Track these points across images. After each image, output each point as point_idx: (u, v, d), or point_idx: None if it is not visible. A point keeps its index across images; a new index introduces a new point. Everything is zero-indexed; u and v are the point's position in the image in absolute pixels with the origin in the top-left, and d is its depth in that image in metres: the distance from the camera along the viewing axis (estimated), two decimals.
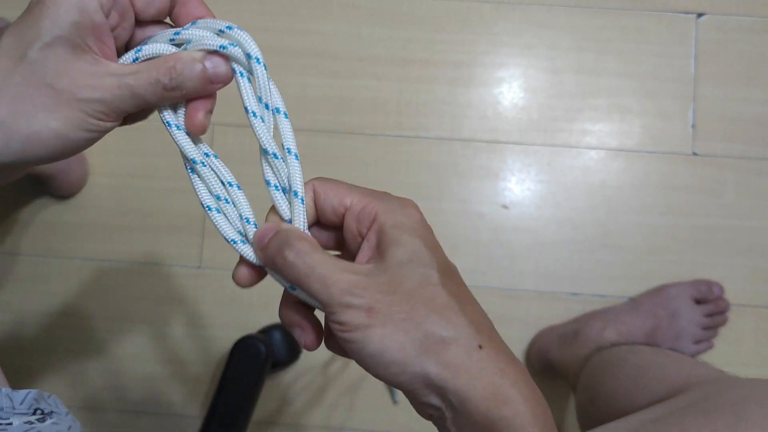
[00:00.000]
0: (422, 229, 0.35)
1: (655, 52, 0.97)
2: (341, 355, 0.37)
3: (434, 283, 0.34)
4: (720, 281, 0.91)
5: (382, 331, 0.32)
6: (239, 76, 0.37)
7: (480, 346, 0.33)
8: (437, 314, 0.33)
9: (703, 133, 0.96)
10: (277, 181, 0.38)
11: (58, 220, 0.97)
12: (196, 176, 0.39)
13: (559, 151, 0.96)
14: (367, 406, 0.93)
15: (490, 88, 0.98)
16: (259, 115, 0.37)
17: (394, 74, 0.98)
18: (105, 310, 0.96)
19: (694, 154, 0.96)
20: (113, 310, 0.96)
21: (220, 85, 0.37)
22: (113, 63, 0.36)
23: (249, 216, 0.38)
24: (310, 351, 0.37)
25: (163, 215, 0.96)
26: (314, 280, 0.33)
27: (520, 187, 0.96)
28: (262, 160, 0.38)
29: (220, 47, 0.36)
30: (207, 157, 0.39)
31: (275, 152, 0.37)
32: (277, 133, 0.38)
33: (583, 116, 0.97)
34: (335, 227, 0.38)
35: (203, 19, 0.37)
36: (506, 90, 0.98)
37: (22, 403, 0.46)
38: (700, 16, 0.98)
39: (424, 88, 0.98)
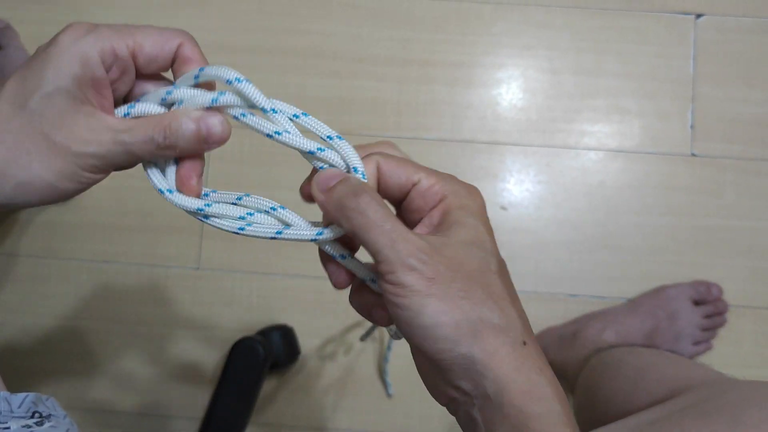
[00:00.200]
0: (485, 215, 0.36)
1: (654, 52, 0.97)
2: (375, 321, 0.37)
3: (493, 271, 0.34)
4: (719, 282, 0.91)
5: (440, 305, 0.32)
6: (243, 118, 0.37)
7: (524, 342, 0.33)
8: (493, 301, 0.33)
9: (702, 134, 0.96)
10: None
11: (58, 220, 0.97)
12: (213, 219, 0.39)
13: (558, 152, 0.96)
14: (366, 408, 0.93)
15: (489, 88, 0.98)
16: (281, 132, 0.37)
17: (394, 75, 0.98)
18: (104, 311, 0.96)
19: (693, 155, 0.95)
20: (112, 311, 0.96)
21: (215, 146, 0.37)
22: (110, 117, 0.37)
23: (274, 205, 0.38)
24: (336, 286, 0.37)
25: (162, 216, 0.96)
26: (381, 234, 0.32)
27: (519, 188, 0.96)
28: (312, 162, 0.37)
29: (212, 101, 0.36)
30: (207, 196, 0.38)
31: (317, 147, 0.36)
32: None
33: (582, 117, 0.97)
34: (392, 201, 0.38)
35: (210, 67, 0.37)
36: (505, 91, 0.98)
37: (20, 407, 0.46)
38: (698, 16, 0.98)
39: (424, 89, 0.98)
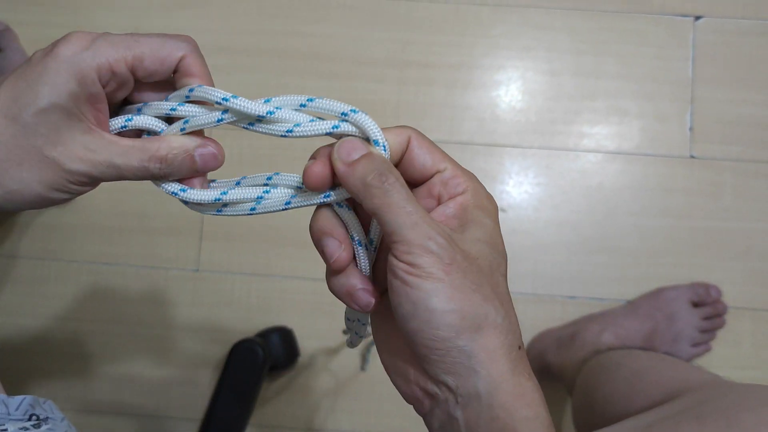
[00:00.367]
0: (498, 221, 0.36)
1: (653, 54, 0.97)
2: (357, 305, 0.36)
3: (502, 273, 0.35)
4: (718, 284, 0.91)
5: (452, 292, 0.32)
6: (251, 127, 0.37)
7: (519, 347, 0.34)
8: (500, 301, 0.33)
9: (700, 136, 0.96)
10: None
11: (57, 222, 0.97)
12: (230, 208, 0.39)
13: (557, 153, 0.96)
14: (366, 409, 0.93)
15: (488, 90, 0.98)
16: (292, 129, 0.36)
17: (392, 77, 0.98)
18: (103, 313, 0.96)
19: (692, 157, 0.95)
20: (111, 313, 0.96)
21: (207, 172, 0.38)
22: (106, 135, 0.37)
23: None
24: (333, 267, 0.36)
25: (161, 218, 0.96)
26: (403, 215, 0.32)
27: (517, 189, 0.96)
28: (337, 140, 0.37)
29: (218, 121, 0.36)
30: (225, 195, 0.38)
31: (332, 126, 0.36)
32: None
33: (581, 119, 0.97)
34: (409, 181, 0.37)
35: (199, 87, 0.37)
36: (504, 92, 0.98)
37: (17, 409, 0.46)
38: (697, 18, 0.98)
39: (422, 91, 0.98)
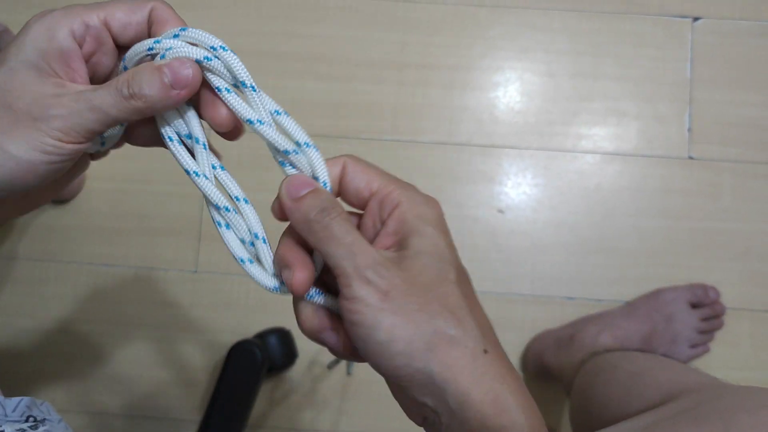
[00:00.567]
0: (443, 225, 0.35)
1: (652, 55, 0.98)
2: (352, 360, 0.36)
3: (450, 281, 0.33)
4: (716, 285, 0.91)
5: (393, 320, 0.31)
6: (225, 93, 0.36)
7: (485, 351, 0.32)
8: (449, 312, 0.32)
9: (699, 137, 0.96)
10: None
11: (56, 224, 0.97)
12: (224, 217, 0.38)
13: (555, 155, 0.96)
14: (364, 410, 0.93)
15: (486, 91, 0.98)
16: (260, 120, 0.36)
17: (390, 78, 0.98)
18: (102, 314, 0.96)
19: (690, 158, 0.96)
20: (110, 314, 0.96)
21: (185, 92, 0.35)
22: (79, 86, 0.36)
23: (258, 231, 0.38)
24: (345, 353, 0.36)
25: (160, 219, 0.97)
26: (341, 246, 0.32)
27: (515, 191, 0.96)
28: (279, 161, 0.37)
29: (204, 58, 0.35)
30: (214, 169, 0.38)
31: (288, 149, 0.36)
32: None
33: (579, 120, 0.97)
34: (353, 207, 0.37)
35: (193, 29, 0.36)
36: (502, 94, 0.98)
37: (14, 411, 0.46)
38: (696, 19, 0.98)
39: (420, 92, 0.98)
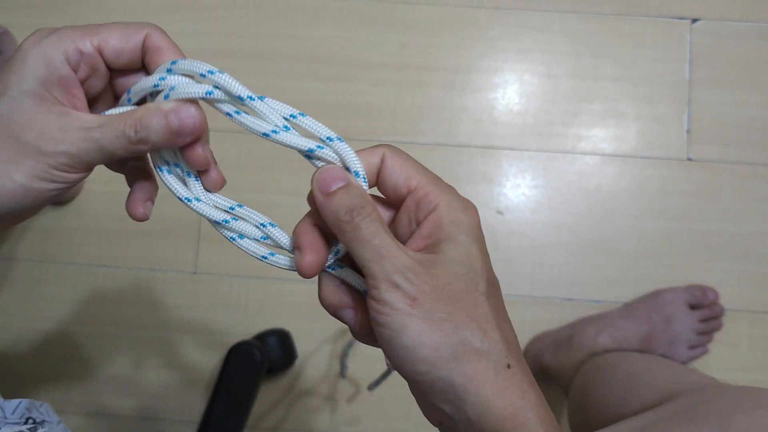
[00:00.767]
0: (479, 233, 0.35)
1: (651, 57, 0.98)
2: (368, 343, 0.36)
3: (480, 292, 0.33)
4: (715, 286, 0.92)
5: (421, 326, 0.31)
6: (236, 116, 0.36)
7: (508, 366, 0.32)
8: (476, 324, 0.32)
9: (698, 138, 0.96)
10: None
11: (55, 225, 0.97)
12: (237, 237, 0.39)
13: (555, 156, 0.96)
14: (363, 411, 0.93)
15: (485, 93, 0.98)
16: (274, 131, 0.36)
17: (390, 79, 0.98)
18: (101, 315, 0.96)
19: (689, 159, 0.96)
20: (109, 315, 0.96)
21: (189, 138, 0.36)
22: (83, 114, 0.36)
23: (263, 221, 0.38)
24: (361, 333, 0.36)
25: (159, 220, 0.96)
26: (370, 248, 0.32)
27: (515, 192, 0.96)
28: (312, 162, 0.37)
29: (206, 93, 0.35)
30: (233, 210, 0.39)
31: (316, 146, 0.36)
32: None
33: (579, 121, 0.97)
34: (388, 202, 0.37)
35: (183, 60, 0.36)
36: (501, 95, 0.98)
37: (13, 413, 0.47)
38: (694, 21, 0.98)
39: (420, 93, 0.98)
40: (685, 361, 0.89)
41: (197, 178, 0.38)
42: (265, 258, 0.38)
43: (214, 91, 0.35)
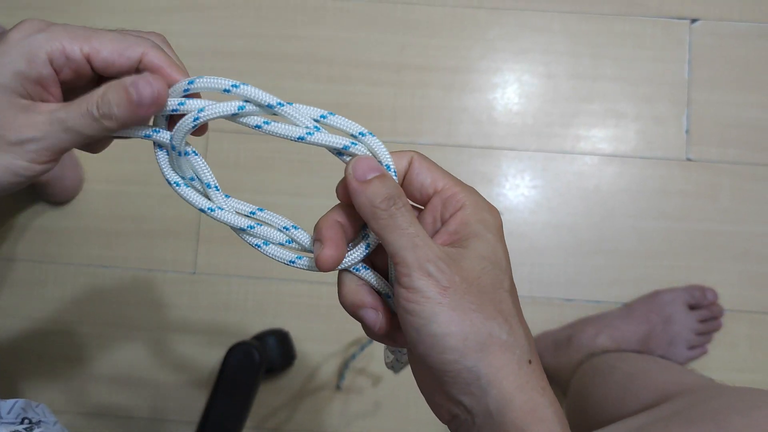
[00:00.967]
0: (502, 233, 0.36)
1: (650, 57, 0.98)
2: (385, 343, 0.36)
3: (505, 289, 0.34)
4: (714, 286, 0.91)
5: (451, 315, 0.32)
6: (266, 126, 0.36)
7: (530, 361, 0.33)
8: (503, 318, 0.33)
9: (697, 138, 0.96)
10: None
11: (54, 226, 0.98)
12: (253, 238, 0.39)
13: (554, 156, 0.96)
14: (362, 412, 0.93)
15: (484, 93, 0.98)
16: (308, 132, 0.36)
17: (389, 79, 0.98)
18: (100, 316, 0.96)
19: (689, 160, 0.96)
20: (108, 316, 0.96)
21: (152, 109, 0.35)
22: (49, 104, 0.36)
23: (287, 224, 0.38)
24: (379, 334, 0.36)
25: (158, 221, 0.97)
26: (404, 236, 0.33)
27: (514, 192, 0.96)
28: (343, 159, 0.37)
29: (239, 109, 0.35)
30: (254, 215, 0.39)
31: (350, 142, 0.36)
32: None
33: (578, 121, 0.97)
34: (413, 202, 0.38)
35: (200, 78, 0.36)
36: (501, 95, 0.98)
37: (9, 413, 0.47)
38: (694, 21, 0.98)
39: (419, 94, 0.98)
40: (684, 362, 0.89)
41: (218, 188, 0.39)
42: (293, 262, 0.38)
43: (245, 106, 0.36)
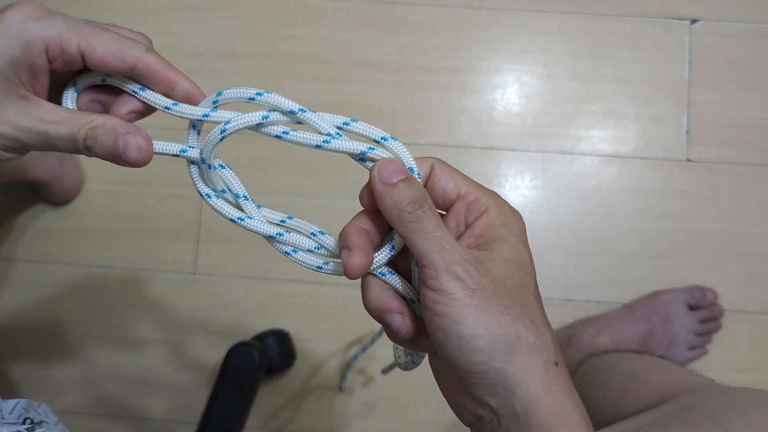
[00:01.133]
0: (526, 238, 0.36)
1: (650, 57, 0.98)
2: (410, 348, 0.37)
3: (530, 291, 0.34)
4: (714, 287, 0.92)
5: (479, 317, 0.32)
6: (285, 136, 0.37)
7: (556, 363, 0.33)
8: (530, 320, 0.33)
9: (697, 139, 0.96)
10: None
11: (54, 226, 0.98)
12: (283, 245, 0.39)
13: (554, 156, 0.96)
14: (362, 412, 0.94)
15: (484, 93, 0.98)
16: (330, 138, 0.37)
17: (389, 80, 0.98)
18: (100, 316, 0.96)
19: (689, 160, 0.96)
20: (108, 316, 0.96)
21: (129, 165, 0.36)
22: (42, 103, 0.37)
23: (314, 230, 0.39)
24: (404, 338, 0.36)
25: (159, 221, 0.97)
26: (431, 239, 0.33)
27: (514, 193, 0.96)
28: (364, 164, 0.38)
29: (263, 118, 0.36)
30: (284, 223, 0.39)
31: (368, 147, 0.37)
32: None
33: (578, 122, 0.97)
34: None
35: (227, 90, 0.37)
36: (500, 96, 0.98)
37: (11, 413, 0.47)
38: (694, 21, 0.98)
39: (419, 94, 0.98)
40: (684, 362, 0.89)
41: (247, 197, 0.39)
42: (320, 268, 0.39)
43: (270, 115, 0.36)
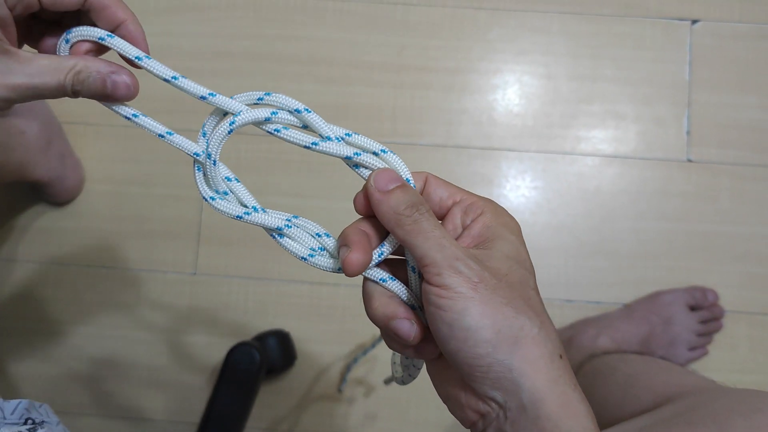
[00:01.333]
0: (522, 237, 0.37)
1: (650, 58, 0.98)
2: (414, 356, 0.37)
3: (531, 287, 0.35)
4: (715, 287, 0.92)
5: (483, 308, 0.32)
6: (277, 133, 0.39)
7: (560, 356, 0.34)
8: (534, 313, 0.34)
9: (697, 140, 0.96)
10: None
11: (55, 226, 0.97)
12: (287, 239, 0.40)
13: (554, 157, 0.96)
14: (362, 412, 0.94)
15: (484, 94, 0.98)
16: (318, 142, 0.39)
17: (389, 81, 0.98)
18: (100, 316, 0.96)
19: (689, 161, 0.96)
20: (108, 316, 0.96)
21: (117, 101, 0.38)
22: (21, 53, 0.37)
23: (319, 231, 0.40)
24: (412, 344, 0.36)
25: (159, 222, 0.97)
26: (431, 239, 0.34)
27: (514, 193, 0.96)
28: (355, 169, 0.39)
29: (272, 114, 0.39)
30: (289, 221, 0.40)
31: (354, 152, 0.39)
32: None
33: (578, 122, 0.97)
34: None
35: (267, 94, 0.39)
36: (501, 96, 0.98)
37: (12, 413, 0.47)
38: (694, 22, 0.98)
39: (419, 95, 0.98)
40: (685, 363, 0.89)
41: (257, 209, 0.40)
42: (312, 257, 0.39)
43: (278, 112, 0.39)
